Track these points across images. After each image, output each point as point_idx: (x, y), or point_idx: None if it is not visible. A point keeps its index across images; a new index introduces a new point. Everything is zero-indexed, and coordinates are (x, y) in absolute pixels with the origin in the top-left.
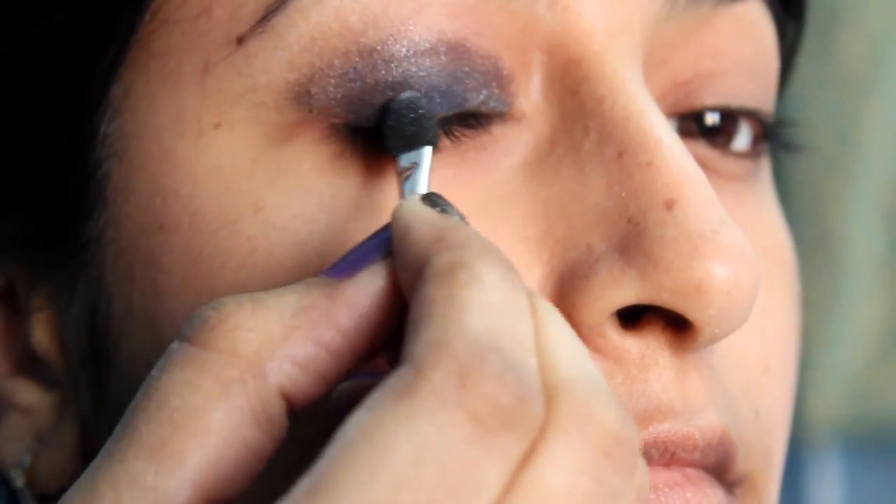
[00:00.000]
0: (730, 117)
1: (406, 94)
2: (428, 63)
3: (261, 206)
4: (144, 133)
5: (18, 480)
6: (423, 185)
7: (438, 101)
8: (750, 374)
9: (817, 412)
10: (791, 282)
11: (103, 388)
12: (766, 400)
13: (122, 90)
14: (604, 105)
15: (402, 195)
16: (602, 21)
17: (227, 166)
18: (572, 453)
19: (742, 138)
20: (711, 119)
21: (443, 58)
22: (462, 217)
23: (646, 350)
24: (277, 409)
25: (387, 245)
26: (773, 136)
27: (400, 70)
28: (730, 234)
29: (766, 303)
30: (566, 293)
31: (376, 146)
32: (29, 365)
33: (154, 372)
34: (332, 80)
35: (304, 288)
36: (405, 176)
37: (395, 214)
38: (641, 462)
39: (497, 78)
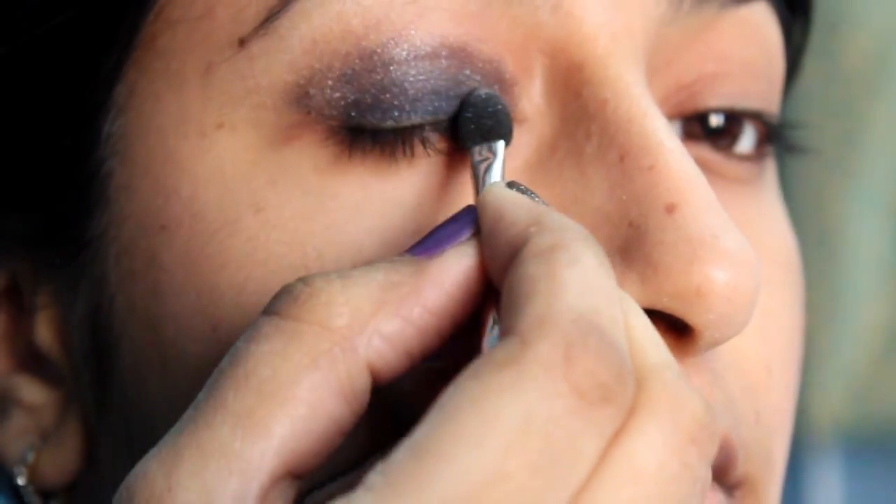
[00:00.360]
0: (734, 119)
1: (484, 90)
2: (429, 66)
3: (261, 206)
4: (148, 133)
5: (21, 477)
6: (500, 175)
7: (438, 104)
8: (751, 376)
9: (819, 413)
10: (794, 284)
11: (106, 385)
12: (767, 402)
13: (126, 90)
14: (606, 108)
15: (477, 184)
16: (605, 25)
17: (228, 167)
18: (664, 434)
19: (746, 140)
20: (716, 121)
21: (444, 62)
22: (544, 201)
23: None
24: (364, 383)
25: (472, 226)
26: (777, 137)
27: (399, 72)
28: (730, 239)
29: (768, 305)
30: None
31: (375, 147)
32: (32, 362)
33: (240, 343)
34: (331, 82)
35: (392, 265)
36: (484, 167)
37: (485, 197)
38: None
39: (499, 82)
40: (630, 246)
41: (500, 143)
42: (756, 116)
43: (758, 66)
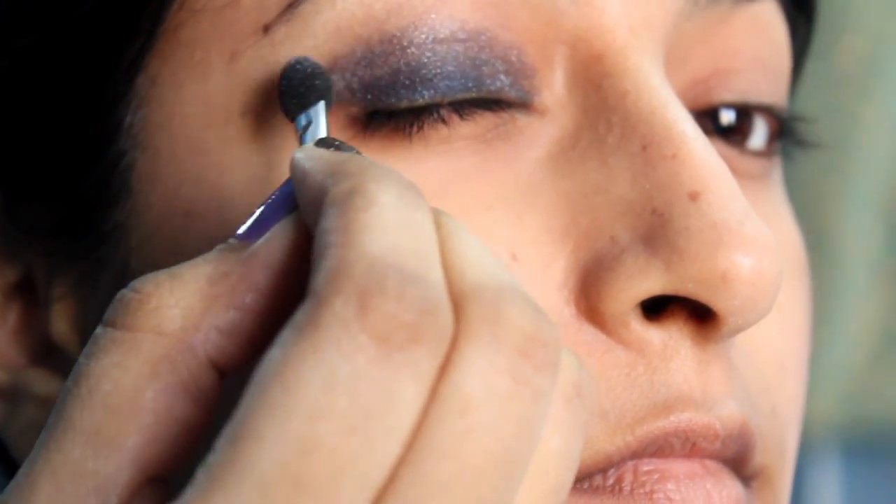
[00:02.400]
0: (745, 115)
1: (293, 58)
2: (446, 49)
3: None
4: (171, 122)
5: None
6: (319, 135)
7: (452, 83)
8: (767, 371)
9: (813, 413)
10: (804, 280)
11: None
12: (782, 396)
13: (148, 80)
14: (627, 100)
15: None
16: (624, 17)
17: (253, 154)
18: (487, 357)
19: (758, 137)
20: (727, 118)
21: (462, 45)
22: (358, 152)
23: (668, 341)
24: (209, 380)
25: (291, 197)
26: (788, 132)
27: (416, 54)
28: (754, 226)
29: (781, 300)
30: (590, 284)
31: (397, 129)
32: (46, 355)
33: (82, 359)
34: (352, 67)
35: (219, 255)
36: (301, 134)
37: (291, 163)
38: (572, 361)
39: (520, 69)
40: (654, 233)
41: (319, 105)
42: (767, 111)
43: (768, 63)
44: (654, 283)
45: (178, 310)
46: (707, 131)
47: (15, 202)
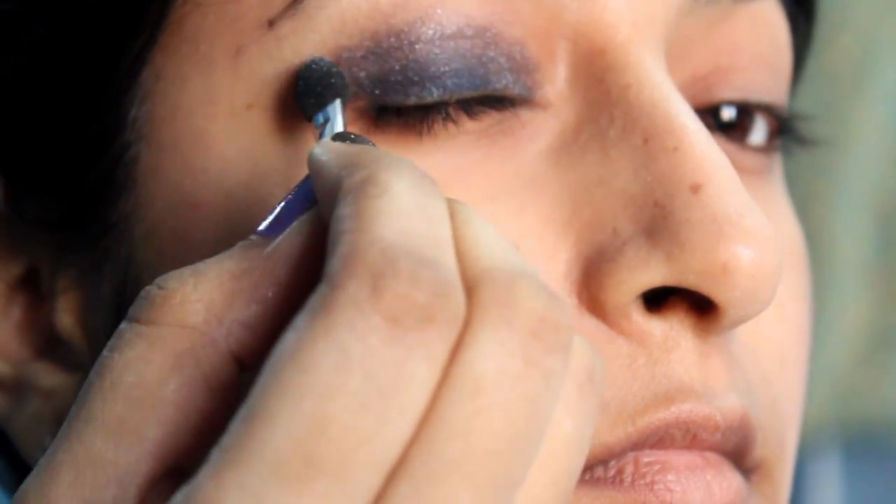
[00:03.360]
0: (746, 112)
1: (308, 58)
2: (453, 45)
3: (291, 185)
4: (175, 116)
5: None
6: (336, 131)
7: (460, 81)
8: (767, 364)
9: (805, 412)
10: (804, 275)
11: None
12: (782, 390)
13: (152, 74)
14: (629, 93)
15: None
16: (627, 13)
17: (258, 147)
18: (499, 338)
19: (758, 134)
20: (728, 114)
21: (469, 42)
22: (373, 144)
23: (669, 332)
24: (229, 373)
25: (311, 193)
26: (788, 130)
27: (424, 51)
28: (755, 218)
29: (781, 294)
30: (592, 275)
31: (400, 124)
32: (51, 348)
33: (105, 353)
34: (359, 61)
35: (241, 251)
36: (319, 132)
37: (308, 159)
38: (585, 346)
39: (523, 65)
40: (656, 225)
41: (336, 103)
42: (767, 109)
43: (769, 60)
44: (655, 275)
45: (202, 304)
46: (708, 127)
47: (20, 195)
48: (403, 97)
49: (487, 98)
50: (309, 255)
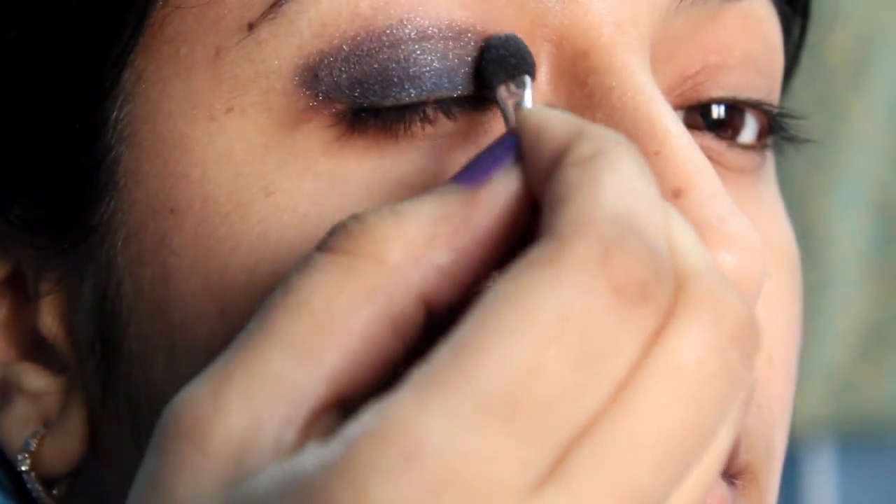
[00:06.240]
0: (736, 110)
1: (503, 33)
2: (433, 47)
3: (271, 189)
4: (156, 118)
5: (23, 464)
6: (532, 104)
7: (439, 81)
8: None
9: (799, 409)
10: (794, 274)
11: (111, 371)
12: (768, 392)
13: (134, 75)
14: (612, 96)
15: (507, 118)
16: (610, 14)
17: (238, 150)
18: (704, 332)
19: (748, 132)
20: (717, 112)
21: (451, 43)
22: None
23: None
24: (417, 316)
25: (515, 150)
26: (778, 128)
27: (406, 52)
28: (736, 223)
29: (769, 294)
30: None
31: (384, 127)
32: (36, 349)
33: (294, 274)
34: (339, 64)
35: (441, 197)
36: (512, 102)
37: (525, 118)
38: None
39: None
40: None
41: (527, 78)
42: (757, 106)
43: (759, 59)
44: None
45: (401, 242)
46: (697, 125)
47: (3, 195)
48: (381, 98)
49: (467, 99)
50: (510, 210)
